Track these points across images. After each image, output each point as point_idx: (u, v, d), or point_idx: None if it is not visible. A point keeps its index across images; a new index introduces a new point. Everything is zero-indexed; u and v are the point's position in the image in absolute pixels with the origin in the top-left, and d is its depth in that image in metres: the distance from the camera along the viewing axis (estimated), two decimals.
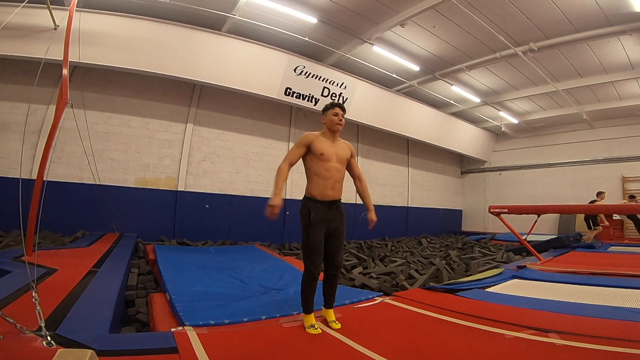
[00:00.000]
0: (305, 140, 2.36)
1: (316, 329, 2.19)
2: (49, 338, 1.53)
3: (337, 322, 2.30)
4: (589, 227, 8.27)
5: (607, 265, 4.76)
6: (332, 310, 2.39)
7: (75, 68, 6.47)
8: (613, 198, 10.67)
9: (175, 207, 7.62)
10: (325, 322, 2.33)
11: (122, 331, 2.70)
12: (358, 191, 2.57)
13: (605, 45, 7.33)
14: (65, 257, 3.79)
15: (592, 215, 8.14)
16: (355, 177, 2.60)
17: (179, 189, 7.67)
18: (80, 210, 6.56)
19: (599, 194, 8.26)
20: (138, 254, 5.78)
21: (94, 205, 6.55)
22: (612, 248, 7.69)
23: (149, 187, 7.40)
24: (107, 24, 6.03)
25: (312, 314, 2.27)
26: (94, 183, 6.21)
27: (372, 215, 2.47)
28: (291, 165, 2.38)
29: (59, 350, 1.31)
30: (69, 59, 4.16)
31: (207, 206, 7.98)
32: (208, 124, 8.20)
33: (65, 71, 4.01)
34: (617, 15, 6.27)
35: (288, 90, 7.84)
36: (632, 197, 9.76)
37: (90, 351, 1.31)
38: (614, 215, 9.84)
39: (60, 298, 2.34)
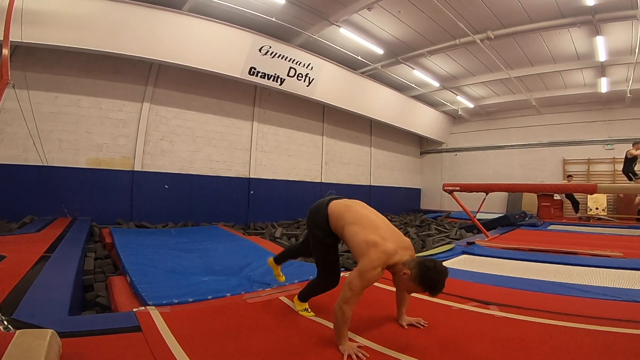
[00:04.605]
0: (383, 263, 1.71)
1: (310, 312, 2.19)
2: (5, 322, 1.49)
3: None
4: (630, 179, 8.18)
5: (546, 243, 5.20)
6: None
7: (16, 48, 5.87)
8: (554, 179, 11.68)
9: (132, 188, 7.30)
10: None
11: (83, 315, 2.64)
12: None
13: (556, 36, 7.78)
14: (13, 244, 3.58)
15: (630, 169, 8.11)
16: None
17: (135, 169, 7.34)
18: (27, 194, 6.10)
19: (635, 144, 7.99)
20: (94, 238, 5.54)
21: (42, 188, 6.13)
22: (551, 227, 8.34)
23: (102, 168, 7.01)
24: (54, 2, 5.51)
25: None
26: (41, 165, 5.80)
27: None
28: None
29: (18, 331, 1.29)
30: (10, 39, 3.93)
31: (166, 186, 7.73)
32: (166, 103, 7.83)
33: (5, 51, 3.81)
34: (569, 8, 6.65)
35: (252, 69, 7.65)
36: (569, 176, 10.76)
37: (50, 330, 1.30)
38: (555, 195, 10.81)
39: (12, 284, 2.24)
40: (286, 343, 1.77)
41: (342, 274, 2.75)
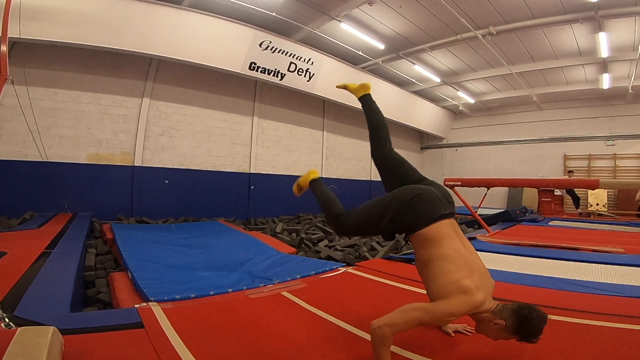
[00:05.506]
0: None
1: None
2: (7, 320, 1.48)
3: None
4: None
5: (547, 239, 5.17)
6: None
7: (15, 44, 5.83)
8: (555, 174, 11.67)
9: (133, 183, 7.29)
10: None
11: (84, 311, 2.64)
12: None
13: (558, 32, 7.73)
14: (14, 240, 3.57)
15: None
16: None
17: (135, 164, 7.33)
18: (27, 189, 6.09)
19: None
20: (94, 234, 5.54)
21: (42, 184, 6.12)
22: (552, 222, 8.27)
23: (102, 163, 7.00)
24: None
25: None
26: (41, 160, 5.79)
27: None
28: None
29: (19, 328, 1.28)
30: (8, 35, 3.94)
31: (166, 182, 7.72)
32: (166, 99, 7.80)
33: (4, 47, 3.81)
34: (572, 4, 6.60)
35: (253, 65, 7.61)
36: (570, 172, 10.76)
37: (52, 328, 1.29)
38: (555, 190, 10.80)
39: (13, 281, 2.22)
40: (290, 339, 1.76)
41: (345, 269, 2.70)
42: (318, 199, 2.17)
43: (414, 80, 10.98)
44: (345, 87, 2.30)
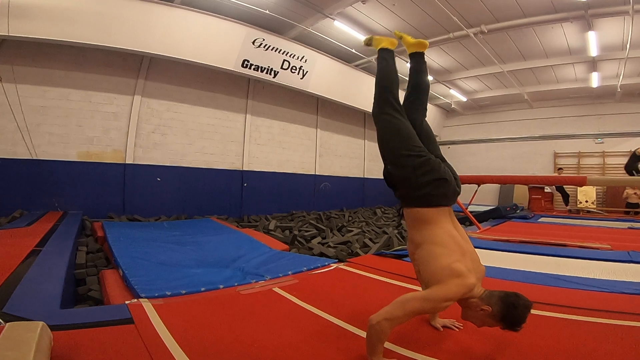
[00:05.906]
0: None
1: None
2: None
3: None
4: (631, 175, 8.23)
5: (536, 235, 5.25)
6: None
7: (3, 41, 5.73)
8: (545, 171, 11.83)
9: (124, 181, 7.23)
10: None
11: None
12: None
13: (549, 31, 7.81)
14: (3, 238, 3.53)
15: (634, 167, 8.32)
16: None
17: (127, 162, 7.27)
18: (17, 188, 6.01)
19: None
20: (85, 232, 5.49)
21: (32, 182, 6.05)
22: (542, 219, 8.39)
23: (93, 161, 6.93)
24: None
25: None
26: (31, 158, 5.71)
27: None
28: None
29: (8, 324, 1.28)
30: None
31: (158, 179, 7.67)
32: (158, 96, 7.73)
33: None
34: (562, 3, 6.68)
35: (245, 62, 7.58)
36: (560, 169, 10.92)
37: (41, 323, 1.30)
38: (546, 188, 10.96)
39: (2, 279, 2.20)
40: (281, 334, 1.78)
41: (337, 265, 2.72)
42: (378, 67, 2.10)
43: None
44: (401, 37, 2.22)
